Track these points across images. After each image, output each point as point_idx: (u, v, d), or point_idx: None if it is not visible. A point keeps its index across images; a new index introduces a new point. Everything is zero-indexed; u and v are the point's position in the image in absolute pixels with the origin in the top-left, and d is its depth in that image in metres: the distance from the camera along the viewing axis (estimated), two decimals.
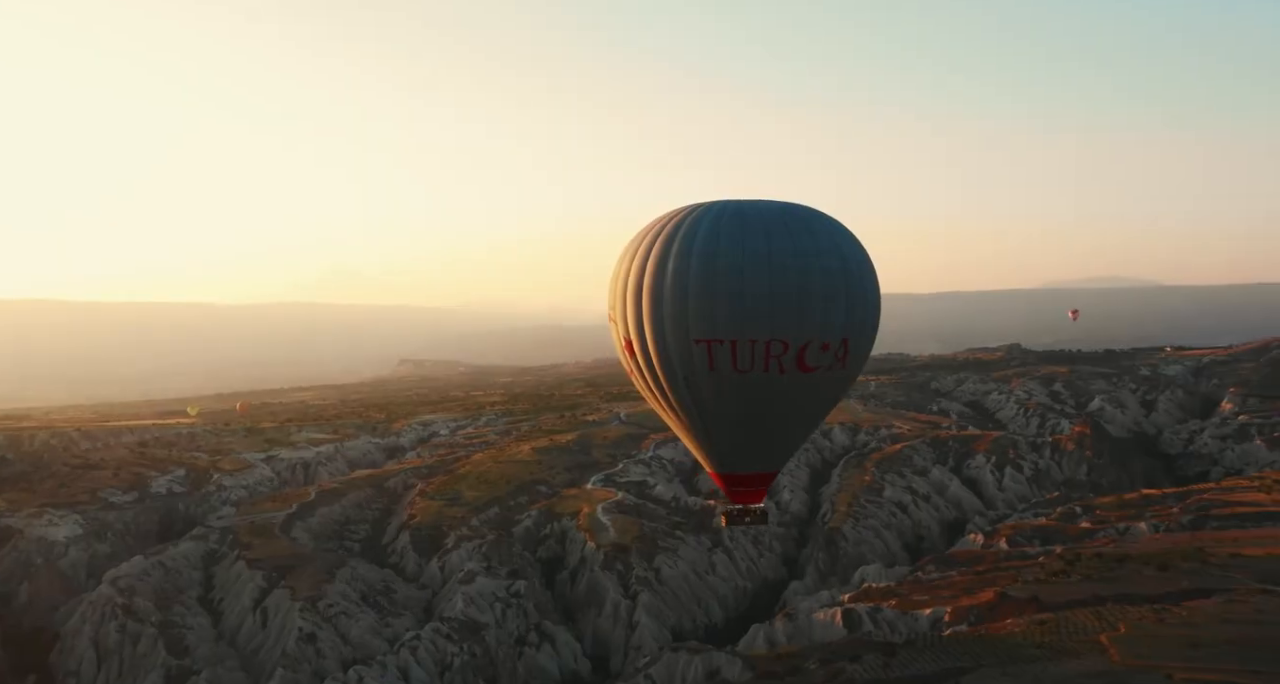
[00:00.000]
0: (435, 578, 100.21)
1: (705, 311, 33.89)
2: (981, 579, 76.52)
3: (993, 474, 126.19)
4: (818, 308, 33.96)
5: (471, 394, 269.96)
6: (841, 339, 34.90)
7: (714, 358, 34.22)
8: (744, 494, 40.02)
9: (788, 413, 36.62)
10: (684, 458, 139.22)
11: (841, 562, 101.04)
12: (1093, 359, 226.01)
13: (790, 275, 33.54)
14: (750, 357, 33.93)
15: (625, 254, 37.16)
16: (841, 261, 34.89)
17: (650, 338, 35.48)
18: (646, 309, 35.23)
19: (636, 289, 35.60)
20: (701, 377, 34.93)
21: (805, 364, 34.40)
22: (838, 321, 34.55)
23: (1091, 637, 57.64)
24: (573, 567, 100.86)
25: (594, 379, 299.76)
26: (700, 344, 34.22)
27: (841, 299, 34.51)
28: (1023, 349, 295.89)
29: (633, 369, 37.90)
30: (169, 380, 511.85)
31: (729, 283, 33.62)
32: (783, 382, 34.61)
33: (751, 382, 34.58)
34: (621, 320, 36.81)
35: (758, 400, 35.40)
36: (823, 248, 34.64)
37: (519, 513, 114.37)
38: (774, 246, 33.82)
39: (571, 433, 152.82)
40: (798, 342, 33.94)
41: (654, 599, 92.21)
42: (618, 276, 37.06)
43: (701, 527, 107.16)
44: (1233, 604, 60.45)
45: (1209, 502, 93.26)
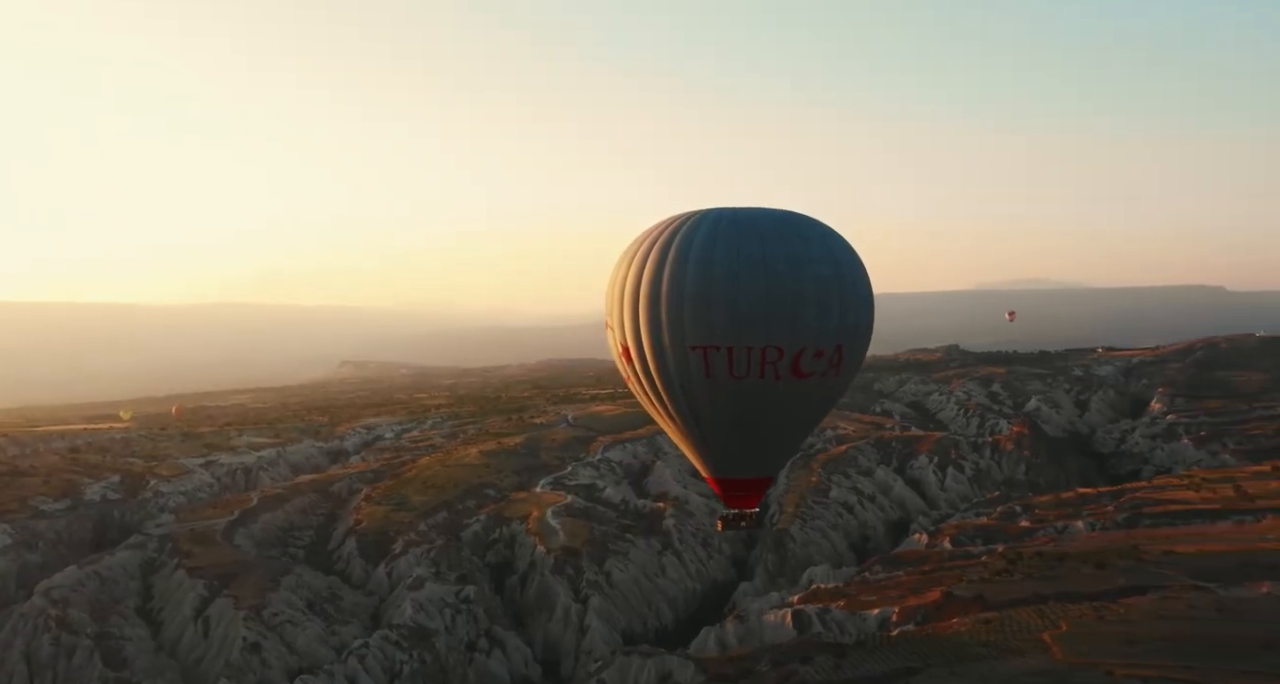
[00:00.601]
0: (383, 584, 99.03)
1: (702, 319, 34.22)
2: (927, 579, 78.04)
3: (935, 474, 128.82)
4: (812, 315, 34.35)
5: (415, 396, 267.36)
6: (836, 346, 35.34)
7: (710, 364, 34.54)
8: (739, 499, 40.36)
9: (783, 419, 36.98)
10: (632, 460, 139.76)
11: (790, 563, 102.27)
12: (1028, 360, 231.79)
13: (785, 282, 33.92)
14: (746, 363, 34.25)
15: (622, 261, 37.36)
16: (835, 268, 35.33)
17: (647, 345, 35.81)
18: (643, 316, 35.53)
19: (634, 296, 35.85)
20: (698, 383, 35.28)
21: (800, 370, 34.76)
22: (832, 328, 34.96)
23: (1035, 635, 59.22)
24: (522, 571, 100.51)
25: (539, 381, 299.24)
26: (697, 351, 34.56)
27: (835, 306, 34.92)
28: (961, 350, 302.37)
29: (630, 375, 38.16)
30: (92, 384, 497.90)
31: (725, 290, 33.92)
32: (778, 388, 35.03)
33: (747, 388, 34.98)
34: (619, 327, 37.09)
35: (753, 406, 35.77)
36: (817, 255, 35.07)
37: (467, 517, 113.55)
38: (769, 254, 34.15)
39: (519, 436, 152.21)
40: (793, 348, 34.32)
41: (605, 603, 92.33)
42: (614, 284, 37.25)
43: (651, 529, 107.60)
44: (1167, 601, 62.57)
45: (1142, 500, 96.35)
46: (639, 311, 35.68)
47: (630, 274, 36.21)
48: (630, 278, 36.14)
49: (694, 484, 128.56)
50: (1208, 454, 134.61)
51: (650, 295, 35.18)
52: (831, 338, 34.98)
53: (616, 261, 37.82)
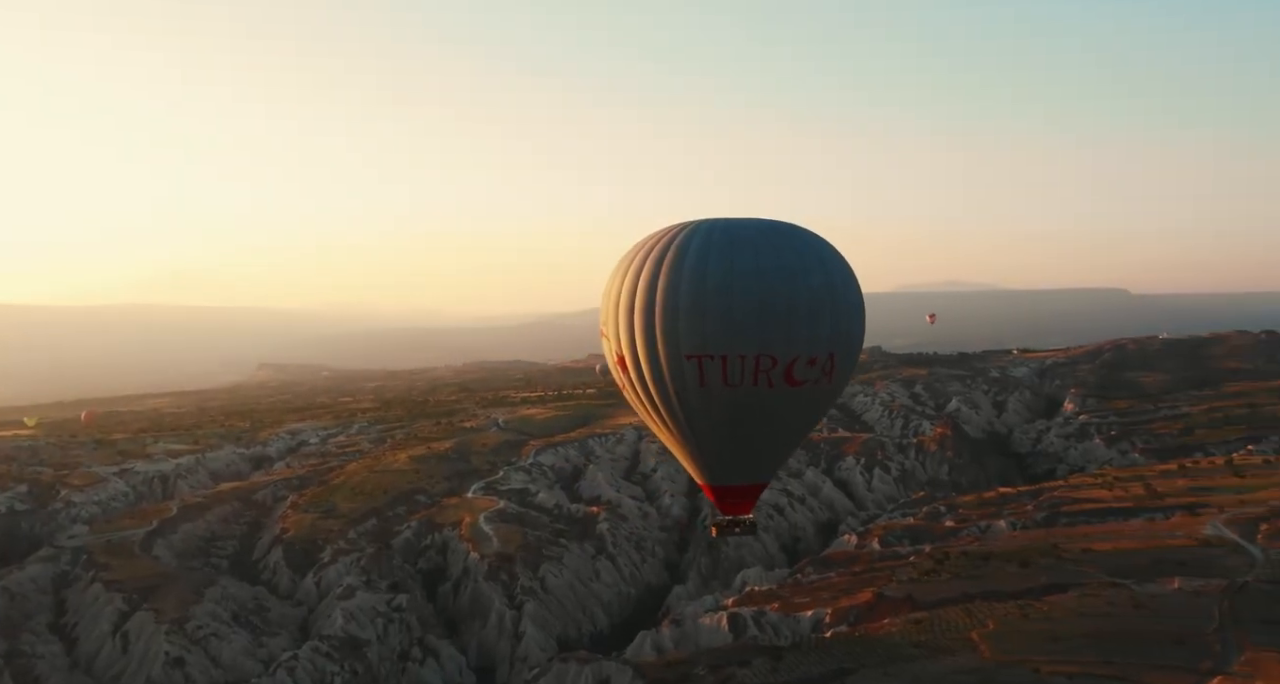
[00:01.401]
0: (311, 594, 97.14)
1: (696, 328, 34.70)
2: (858, 580, 79.66)
3: (862, 475, 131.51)
4: (805, 323, 34.94)
5: (340, 400, 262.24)
6: (828, 354, 35.92)
7: (705, 373, 35.01)
8: (733, 505, 40.92)
9: (776, 426, 37.62)
10: (564, 464, 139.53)
11: (723, 565, 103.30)
12: (948, 361, 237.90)
13: (778, 292, 34.48)
14: (740, 371, 34.75)
15: (617, 271, 37.73)
16: (827, 278, 35.97)
17: (642, 354, 36.25)
18: (638, 325, 35.95)
19: (629, 306, 36.25)
20: (692, 391, 35.73)
21: (793, 378, 35.31)
22: (824, 337, 35.55)
23: (963, 634, 61.02)
24: (455, 578, 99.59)
25: (468, 384, 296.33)
26: (691, 359, 35.04)
27: (827, 315, 35.55)
28: (883, 351, 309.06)
29: (625, 384, 38.62)
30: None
31: (718, 300, 34.39)
32: (771, 396, 35.56)
33: (741, 396, 35.44)
34: (614, 336, 37.44)
35: (747, 414, 36.29)
36: (809, 265, 35.67)
37: (398, 524, 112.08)
38: (762, 264, 34.72)
39: (449, 440, 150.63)
40: (786, 357, 34.86)
41: (539, 609, 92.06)
42: (609, 293, 37.64)
43: (585, 534, 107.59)
44: (1086, 598, 65.01)
45: (1059, 499, 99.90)
46: (634, 321, 36.14)
47: (625, 284, 36.61)
48: (625, 288, 36.54)
49: (626, 487, 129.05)
50: (1118, 453, 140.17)
51: (645, 305, 35.63)
52: (824, 346, 35.65)
53: (611, 271, 38.23)
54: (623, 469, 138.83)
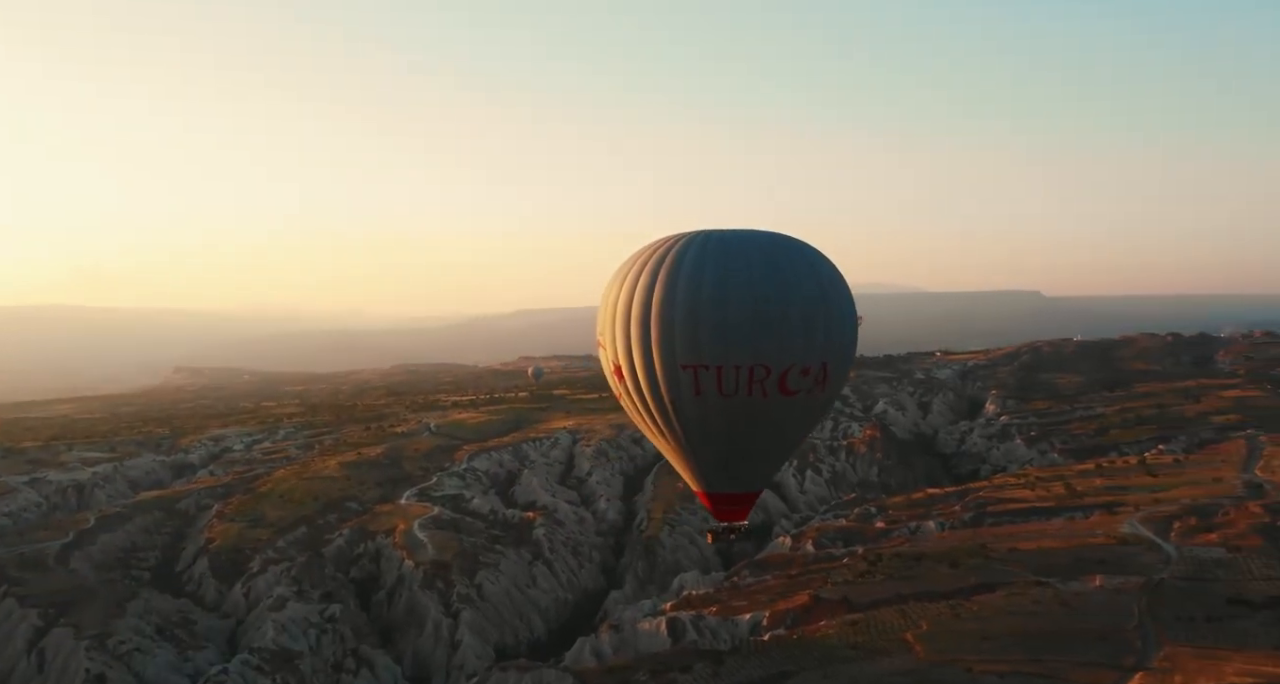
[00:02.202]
0: (239, 606, 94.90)
1: (691, 339, 35.38)
2: (794, 582, 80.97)
3: (795, 477, 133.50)
4: (798, 334, 35.62)
5: (263, 405, 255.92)
6: (821, 363, 36.65)
7: (700, 383, 35.69)
8: (729, 512, 41.58)
9: (771, 435, 38.35)
10: (498, 469, 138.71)
11: (659, 569, 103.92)
12: (875, 363, 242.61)
13: (772, 303, 35.18)
14: (735, 381, 35.42)
15: (613, 282, 38.24)
16: (820, 289, 36.73)
17: (638, 363, 36.92)
18: (634, 336, 36.58)
19: (625, 316, 36.87)
20: (688, 400, 36.45)
21: (787, 388, 36.00)
22: (817, 347, 36.31)
23: (898, 635, 62.57)
24: (390, 586, 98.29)
25: (396, 387, 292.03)
26: (687, 369, 35.74)
27: (820, 325, 36.29)
28: None
29: (621, 393, 39.16)
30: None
31: (713, 311, 35.08)
32: (766, 405, 36.20)
33: (736, 405, 36.09)
34: (611, 346, 38.08)
35: (742, 423, 36.93)
36: (802, 276, 36.44)
37: (329, 532, 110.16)
38: (755, 276, 35.42)
39: (380, 445, 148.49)
40: (780, 367, 35.55)
41: (476, 616, 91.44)
42: (606, 304, 38.22)
43: (521, 539, 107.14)
44: (1014, 597, 67.23)
45: (984, 499, 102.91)
46: (630, 331, 36.78)
47: (621, 295, 37.22)
48: (621, 298, 37.15)
49: (562, 492, 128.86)
50: (1038, 453, 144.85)
51: (641, 316, 36.31)
52: (817, 356, 36.42)
53: (608, 282, 38.76)
54: (558, 473, 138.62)
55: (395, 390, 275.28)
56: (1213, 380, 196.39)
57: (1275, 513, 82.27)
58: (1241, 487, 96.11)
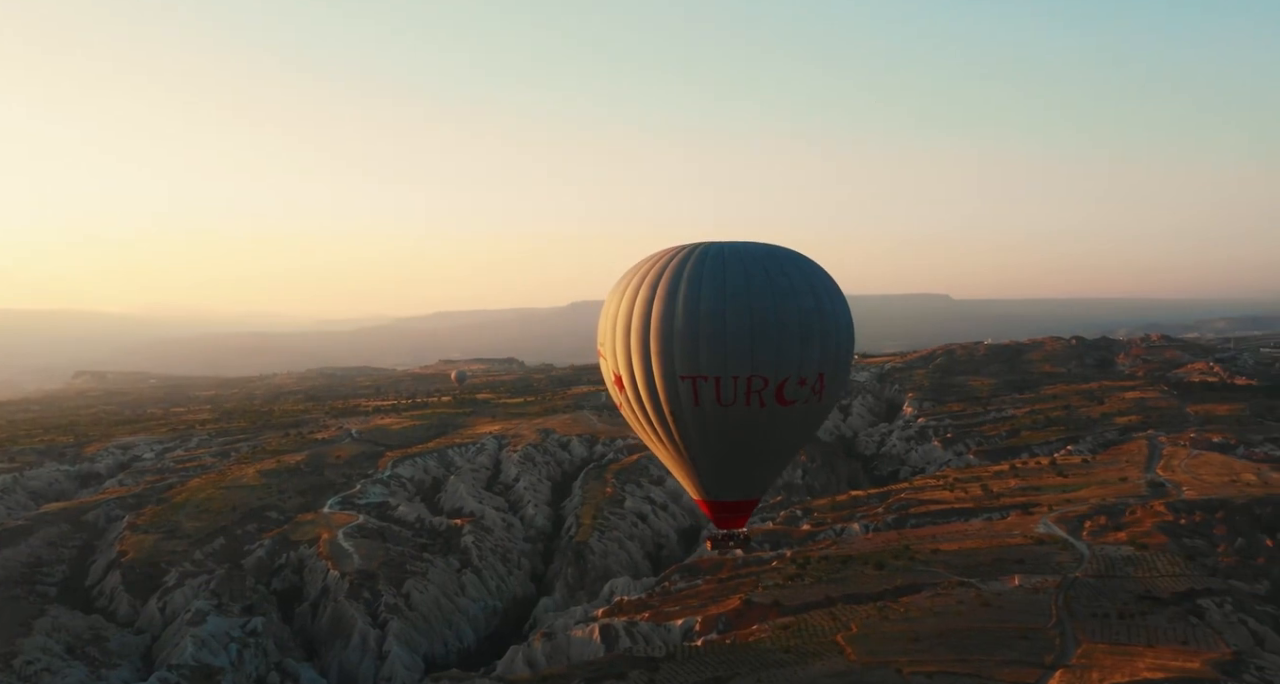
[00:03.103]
0: (155, 621, 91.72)
1: (690, 350, 36.02)
2: (725, 587, 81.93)
3: None
4: (795, 345, 36.43)
5: (173, 411, 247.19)
6: (818, 374, 37.44)
7: (699, 393, 36.37)
8: (728, 520, 42.42)
9: (768, 444, 39.04)
10: (424, 476, 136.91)
11: (589, 575, 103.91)
12: None
13: (768, 315, 35.94)
14: (733, 391, 36.13)
15: (614, 293, 38.71)
16: (816, 301, 37.52)
17: (638, 374, 37.51)
18: (635, 347, 37.16)
19: (625, 328, 37.45)
20: (687, 410, 37.14)
21: (784, 398, 36.76)
22: (814, 358, 37.04)
23: (829, 637, 63.95)
24: (314, 597, 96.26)
25: (314, 392, 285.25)
26: (686, 380, 36.41)
27: (817, 337, 37.08)
28: None
29: (621, 402, 39.70)
30: None
31: (711, 323, 35.75)
32: (763, 414, 37.04)
33: (734, 415, 36.84)
34: (611, 356, 38.61)
35: (740, 432, 37.64)
36: (799, 288, 37.20)
37: (249, 543, 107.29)
38: (753, 288, 36.15)
39: (300, 452, 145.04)
40: (777, 377, 36.32)
41: (405, 626, 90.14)
42: (607, 315, 38.70)
43: (449, 547, 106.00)
44: (938, 597, 69.31)
45: (906, 501, 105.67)
46: (630, 342, 37.38)
47: (622, 306, 37.81)
48: (622, 310, 37.74)
49: (489, 498, 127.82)
50: (954, 455, 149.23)
51: (641, 327, 36.92)
52: (814, 366, 37.20)
53: (609, 293, 39.21)
54: (484, 479, 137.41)
55: (312, 395, 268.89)
56: (1114, 382, 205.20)
57: (1177, 512, 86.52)
58: (1145, 486, 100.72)
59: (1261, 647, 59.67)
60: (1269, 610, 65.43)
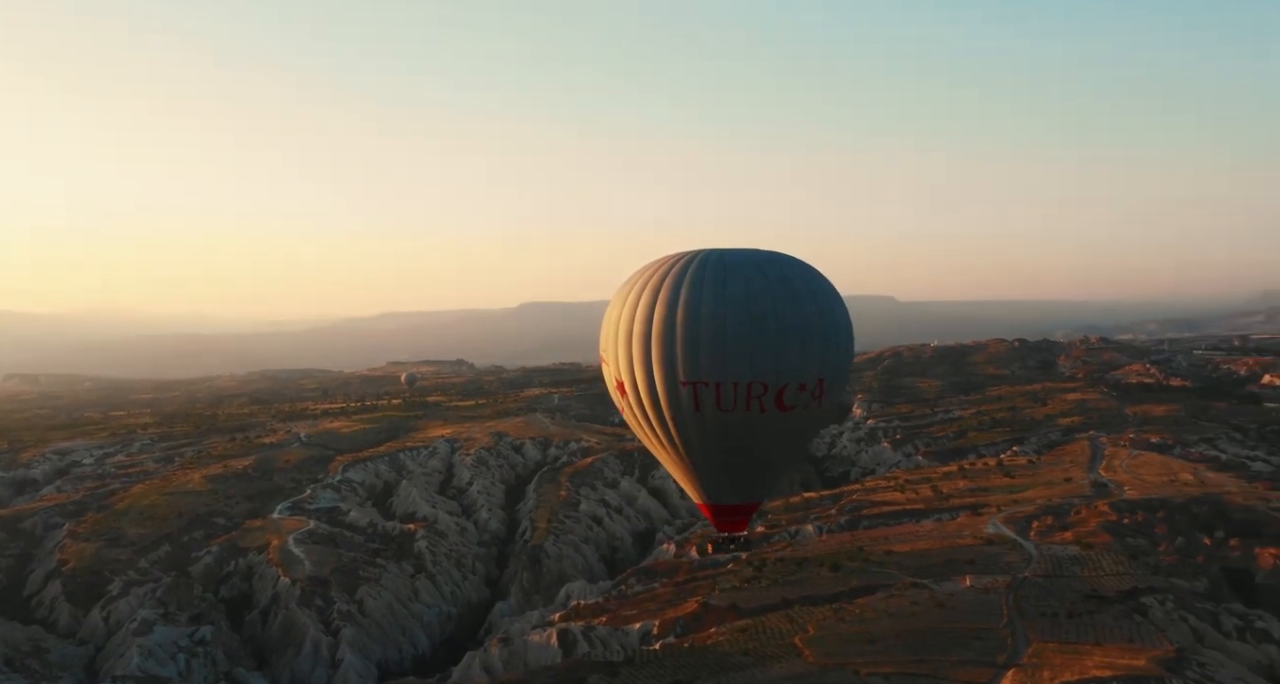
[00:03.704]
0: (99, 631, 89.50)
1: (690, 356, 36.43)
2: (682, 590, 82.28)
3: (676, 484, 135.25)
4: (795, 352, 36.81)
5: (112, 415, 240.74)
6: (817, 380, 37.83)
7: (699, 399, 36.75)
8: (729, 523, 42.71)
9: (769, 448, 39.44)
10: (375, 480, 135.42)
11: (545, 579, 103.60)
12: None
13: (768, 322, 36.36)
14: (733, 397, 36.51)
15: (616, 300, 39.12)
16: (816, 307, 37.96)
17: (640, 380, 37.88)
18: (636, 353, 37.54)
19: (627, 334, 37.83)
20: (688, 416, 37.53)
21: (784, 403, 37.16)
22: (813, 364, 37.43)
23: (787, 640, 64.55)
24: (264, 605, 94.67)
25: (258, 394, 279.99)
26: (686, 386, 36.76)
27: (817, 343, 37.48)
28: None
29: (624, 407, 40.15)
30: None
31: (712, 330, 36.15)
32: (763, 420, 37.34)
33: (734, 420, 37.19)
34: (614, 362, 39.01)
35: (740, 437, 37.97)
36: (799, 295, 37.64)
37: (196, 550, 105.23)
38: (753, 294, 36.56)
39: (247, 457, 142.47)
40: (777, 383, 36.68)
41: (358, 633, 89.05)
42: (609, 321, 39.08)
43: (402, 552, 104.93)
44: (893, 599, 70.32)
45: (859, 502, 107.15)
46: (632, 349, 37.76)
47: (624, 313, 38.20)
48: (624, 316, 38.14)
49: (442, 503, 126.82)
50: (904, 456, 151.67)
51: (643, 334, 37.30)
52: (813, 372, 37.59)
53: (612, 299, 39.61)
54: (437, 483, 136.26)
55: (257, 398, 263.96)
56: (1056, 384, 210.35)
57: (1120, 511, 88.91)
58: (1089, 486, 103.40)
59: (1201, 643, 61.60)
60: (1208, 608, 67.48)
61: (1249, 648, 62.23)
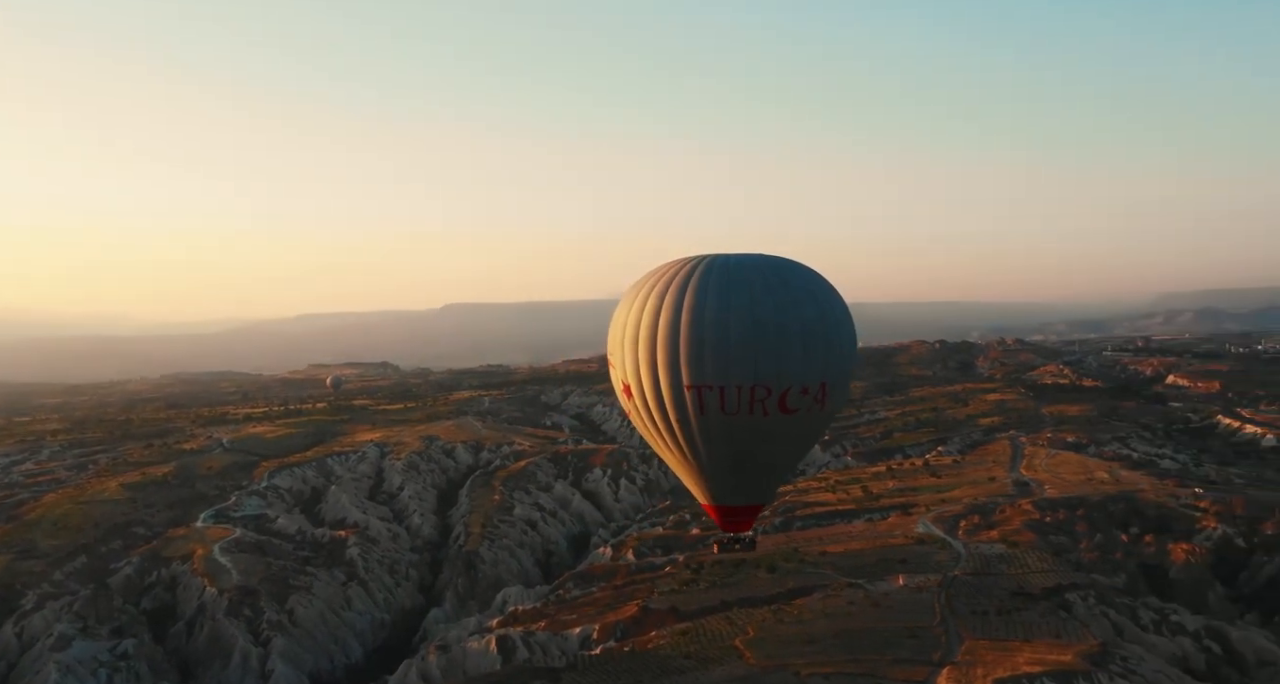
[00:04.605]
0: (11, 647, 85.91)
1: (694, 360, 37.05)
2: (621, 594, 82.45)
3: (609, 486, 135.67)
4: (797, 356, 37.32)
5: (16, 420, 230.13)
6: (820, 383, 38.25)
7: (704, 402, 37.39)
8: (734, 524, 43.54)
9: (772, 451, 40.08)
10: (302, 486, 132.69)
11: (480, 585, 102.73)
12: None
13: (771, 327, 36.95)
14: (736, 401, 37.10)
15: (623, 304, 39.79)
16: (819, 312, 38.50)
17: (646, 383, 38.53)
18: (642, 357, 38.17)
19: (633, 338, 38.44)
20: (693, 419, 38.14)
21: (787, 406, 37.63)
22: (816, 367, 37.92)
23: (727, 642, 65.27)
24: (189, 616, 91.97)
25: (174, 399, 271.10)
26: (691, 389, 37.34)
27: (819, 347, 37.96)
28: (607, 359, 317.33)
29: (631, 410, 40.90)
30: None
31: (715, 334, 36.78)
32: (767, 423, 37.84)
33: (738, 423, 37.73)
34: (621, 366, 39.68)
35: (745, 440, 38.58)
36: (801, 300, 38.17)
37: (115, 561, 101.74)
38: (756, 300, 37.17)
39: (167, 464, 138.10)
40: (779, 387, 37.19)
41: (289, 643, 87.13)
42: (616, 324, 39.71)
43: (333, 560, 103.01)
44: (829, 599, 71.70)
45: (791, 503, 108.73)
46: (638, 352, 38.39)
47: (630, 317, 38.88)
48: (630, 320, 38.81)
49: (373, 508, 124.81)
50: (833, 456, 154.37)
51: (649, 338, 37.94)
52: (816, 376, 38.08)
53: (619, 304, 40.34)
54: (366, 489, 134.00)
55: (173, 402, 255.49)
56: (976, 384, 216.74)
57: (1042, 510, 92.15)
58: (1012, 485, 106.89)
59: (1121, 637, 64.24)
60: (1126, 602, 70.34)
61: (1165, 640, 65.07)
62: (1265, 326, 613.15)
